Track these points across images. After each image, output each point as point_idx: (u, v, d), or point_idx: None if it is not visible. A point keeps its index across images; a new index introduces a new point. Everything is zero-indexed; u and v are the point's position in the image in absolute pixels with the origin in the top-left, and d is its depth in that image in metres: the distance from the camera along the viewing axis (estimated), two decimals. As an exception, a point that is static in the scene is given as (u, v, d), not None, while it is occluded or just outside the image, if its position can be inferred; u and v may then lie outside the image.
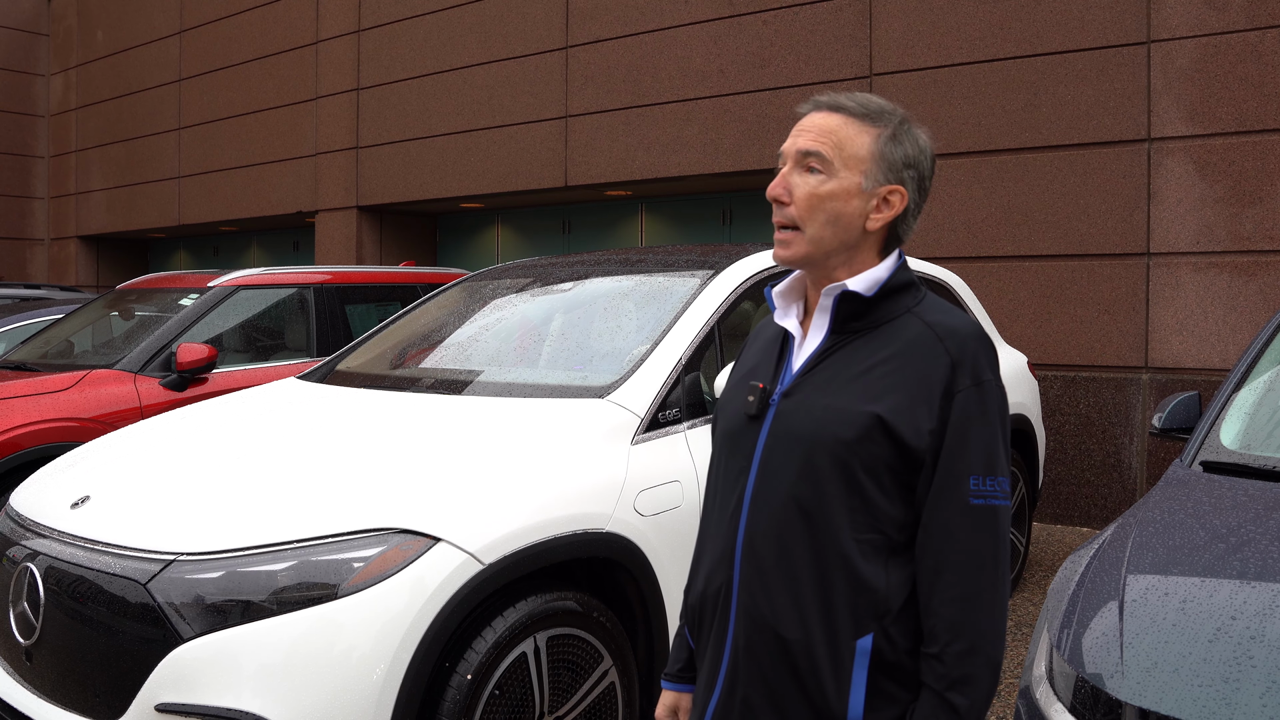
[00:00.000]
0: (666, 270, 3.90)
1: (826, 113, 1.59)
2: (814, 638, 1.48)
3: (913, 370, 1.49)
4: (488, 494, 2.68)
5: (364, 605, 2.40)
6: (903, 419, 1.47)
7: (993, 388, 1.51)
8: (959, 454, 1.47)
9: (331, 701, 2.35)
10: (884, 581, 1.49)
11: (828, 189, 1.54)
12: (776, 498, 1.52)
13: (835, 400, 1.51)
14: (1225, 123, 6.52)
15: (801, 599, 1.49)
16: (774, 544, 1.52)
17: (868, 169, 1.55)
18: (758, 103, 8.29)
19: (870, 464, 1.48)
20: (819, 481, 1.49)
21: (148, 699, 2.43)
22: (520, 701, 2.66)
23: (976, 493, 1.47)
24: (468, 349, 3.85)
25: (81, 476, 3.06)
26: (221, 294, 5.73)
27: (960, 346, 1.50)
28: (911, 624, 1.50)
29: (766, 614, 1.51)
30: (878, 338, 1.54)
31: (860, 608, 1.48)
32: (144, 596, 2.47)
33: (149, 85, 13.68)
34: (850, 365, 1.53)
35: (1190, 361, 6.61)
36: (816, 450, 1.50)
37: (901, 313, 1.56)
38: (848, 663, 1.48)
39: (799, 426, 1.53)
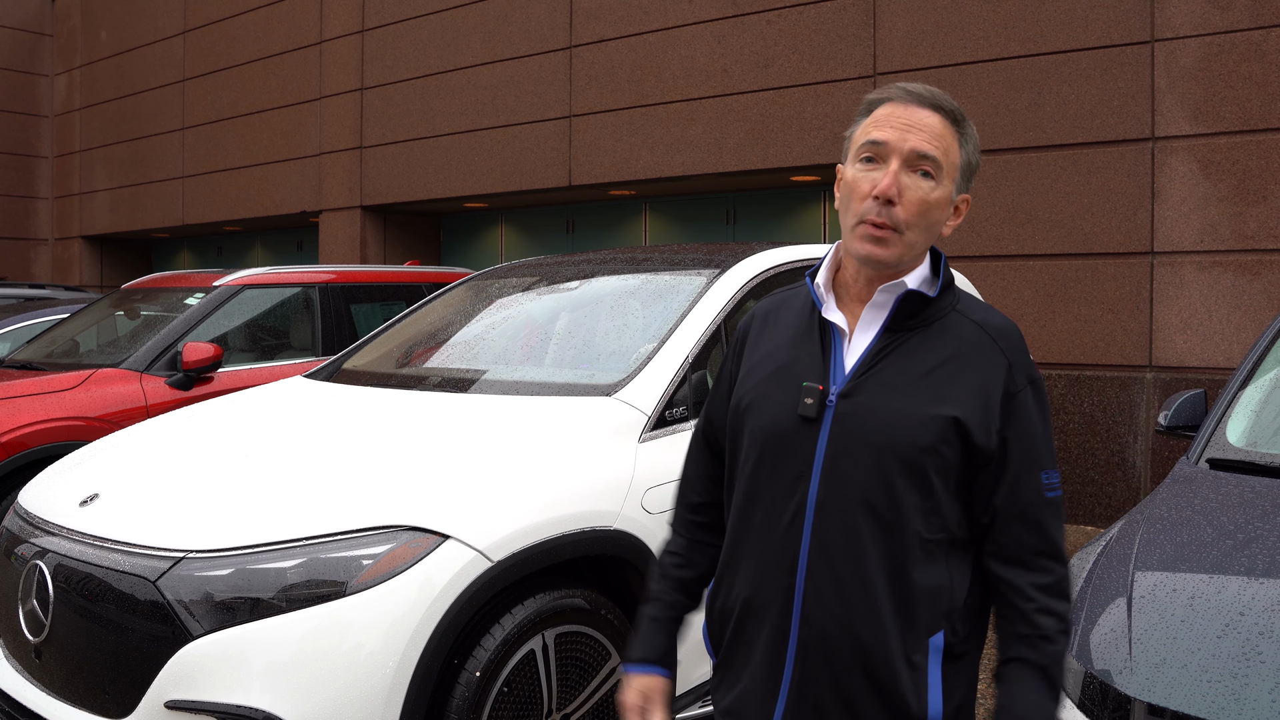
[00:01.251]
0: (672, 269, 3.91)
1: (930, 111, 1.55)
2: (890, 640, 1.48)
3: (974, 372, 1.51)
4: (496, 491, 2.69)
5: (373, 602, 2.41)
6: (975, 420, 1.49)
7: (1043, 385, 1.56)
8: (1029, 451, 1.51)
9: (341, 698, 2.35)
10: (949, 579, 1.52)
11: (936, 197, 1.53)
12: (848, 505, 1.50)
13: (905, 403, 1.50)
14: (1229, 122, 6.52)
15: (877, 603, 1.49)
16: (847, 550, 1.50)
17: (956, 178, 1.56)
18: (761, 102, 8.29)
19: (942, 466, 1.49)
20: (893, 486, 1.49)
21: (157, 696, 2.43)
22: (529, 699, 2.67)
23: (1049, 485, 1.52)
24: (474, 348, 3.85)
25: (90, 474, 3.07)
26: (227, 293, 5.75)
27: (1013, 347, 1.54)
28: (970, 614, 1.54)
29: (841, 620, 1.50)
30: (931, 336, 1.54)
31: (932, 606, 1.50)
32: (153, 594, 2.48)
33: (153, 85, 13.70)
34: (912, 365, 1.52)
35: (1194, 360, 6.60)
36: (888, 454, 1.49)
37: (947, 310, 1.57)
38: (923, 661, 1.50)
39: (867, 430, 1.50)
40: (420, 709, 2.43)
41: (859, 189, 1.54)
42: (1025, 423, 1.51)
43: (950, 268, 1.61)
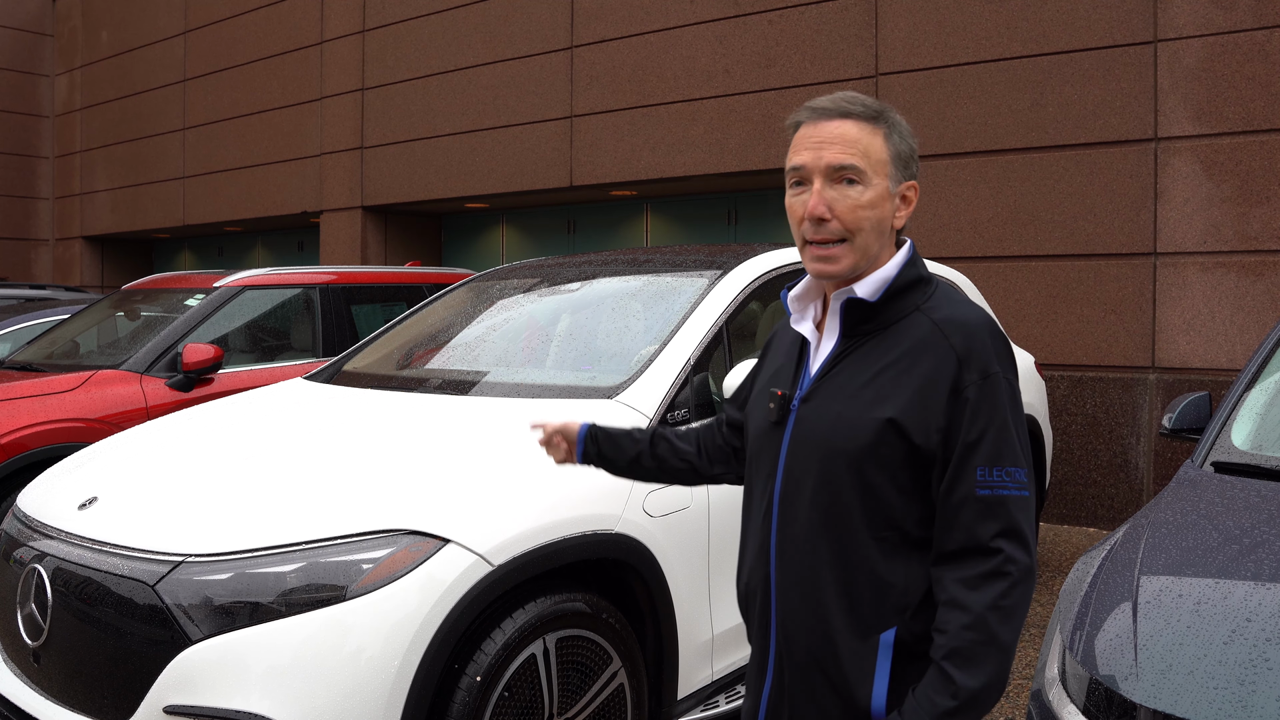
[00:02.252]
0: (674, 270, 3.89)
1: (839, 120, 1.58)
2: (839, 635, 1.55)
3: (920, 369, 1.52)
4: (497, 495, 2.67)
5: (373, 607, 2.39)
6: (913, 420, 1.51)
7: (1000, 380, 1.52)
8: (966, 446, 1.49)
9: (341, 703, 2.34)
10: (904, 576, 1.55)
11: (868, 198, 1.56)
12: (801, 503, 1.59)
13: (848, 407, 1.56)
14: (1232, 122, 6.50)
15: (827, 598, 1.55)
16: (801, 546, 1.59)
17: (890, 171, 1.58)
18: (763, 102, 8.27)
19: (885, 466, 1.53)
20: (837, 487, 1.55)
21: (156, 701, 2.42)
22: (530, 703, 2.65)
23: (982, 483, 1.48)
24: (475, 349, 3.84)
25: (89, 477, 3.05)
26: (227, 294, 5.73)
27: (966, 341, 1.53)
28: (931, 609, 1.54)
29: (798, 612, 1.59)
30: (887, 338, 1.57)
31: (883, 603, 1.54)
32: (152, 598, 2.46)
33: (154, 85, 13.69)
34: (863, 369, 1.57)
35: (1197, 361, 6.59)
36: (832, 457, 1.55)
37: (910, 311, 1.58)
38: (871, 656, 1.54)
39: (815, 433, 1.58)
40: (421, 714, 2.41)
41: (795, 213, 1.61)
42: (969, 418, 1.49)
43: (916, 267, 1.62)
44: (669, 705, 3.08)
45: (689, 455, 1.96)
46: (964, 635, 1.45)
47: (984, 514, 1.48)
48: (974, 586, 1.47)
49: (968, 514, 1.49)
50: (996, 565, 1.47)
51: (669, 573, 2.99)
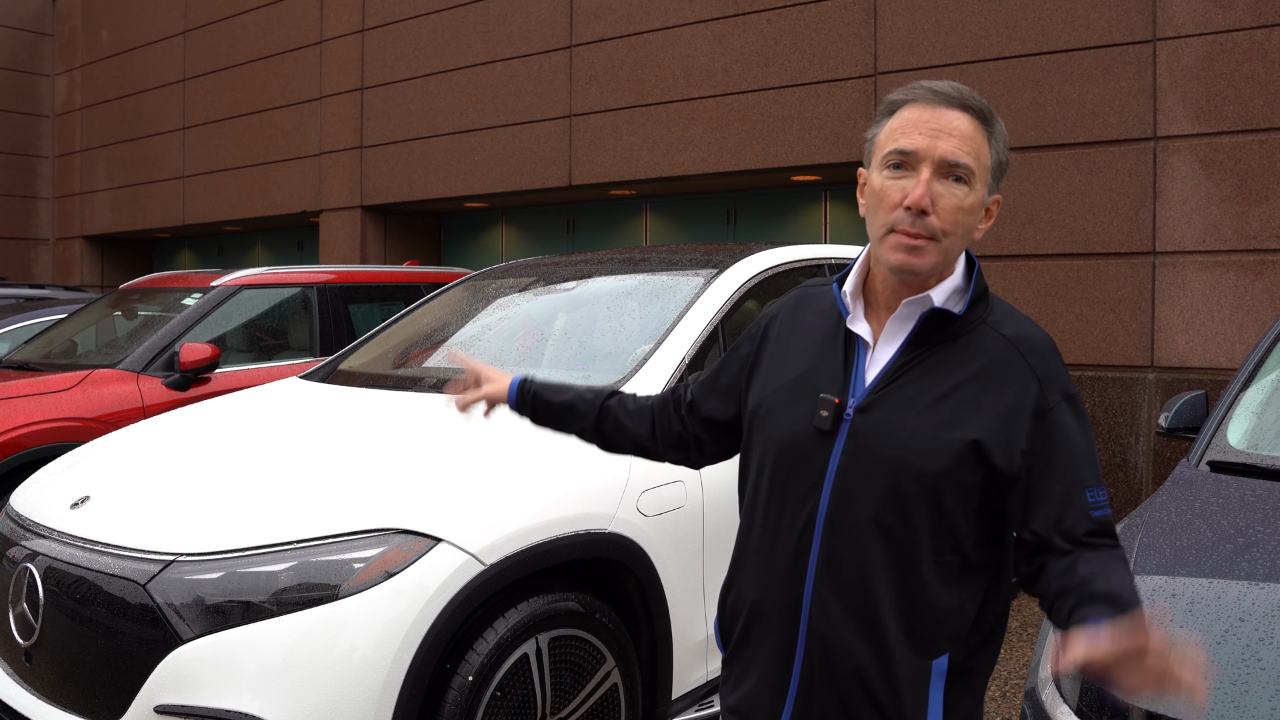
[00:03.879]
0: (670, 269, 3.88)
1: (960, 113, 1.47)
2: (892, 661, 1.46)
3: (1001, 390, 1.45)
4: (489, 494, 2.67)
5: (365, 606, 2.38)
6: (996, 443, 1.43)
7: (1079, 399, 1.47)
8: (1070, 471, 1.42)
9: (332, 703, 2.33)
10: (959, 601, 1.48)
11: (970, 202, 1.47)
12: (858, 522, 1.47)
13: (923, 423, 1.45)
14: (1231, 121, 6.49)
15: (881, 623, 1.46)
16: (854, 568, 1.47)
17: (988, 180, 1.50)
18: (762, 102, 8.27)
19: (960, 488, 1.44)
20: (906, 507, 1.45)
21: (147, 700, 2.41)
22: (522, 703, 2.65)
23: (1095, 504, 1.43)
24: (470, 349, 3.83)
25: (82, 477, 3.05)
26: (224, 294, 5.73)
27: (1044, 362, 1.47)
28: (981, 634, 1.51)
29: (844, 636, 1.48)
30: (956, 351, 1.48)
31: (939, 629, 1.47)
32: (143, 597, 2.46)
33: (154, 85, 13.69)
34: (934, 382, 1.47)
35: (1196, 361, 6.57)
36: (904, 476, 1.45)
37: (977, 323, 1.50)
38: (924, 684, 1.46)
39: (882, 449, 1.46)
40: (413, 713, 2.40)
41: (889, 198, 1.47)
42: (1063, 440, 1.43)
43: (983, 279, 1.53)
44: (663, 705, 3.07)
45: (641, 438, 1.82)
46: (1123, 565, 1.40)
47: (1108, 534, 1.43)
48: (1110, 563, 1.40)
49: (1095, 538, 1.41)
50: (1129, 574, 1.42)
51: (663, 572, 2.98)
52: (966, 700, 1.51)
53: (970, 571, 1.48)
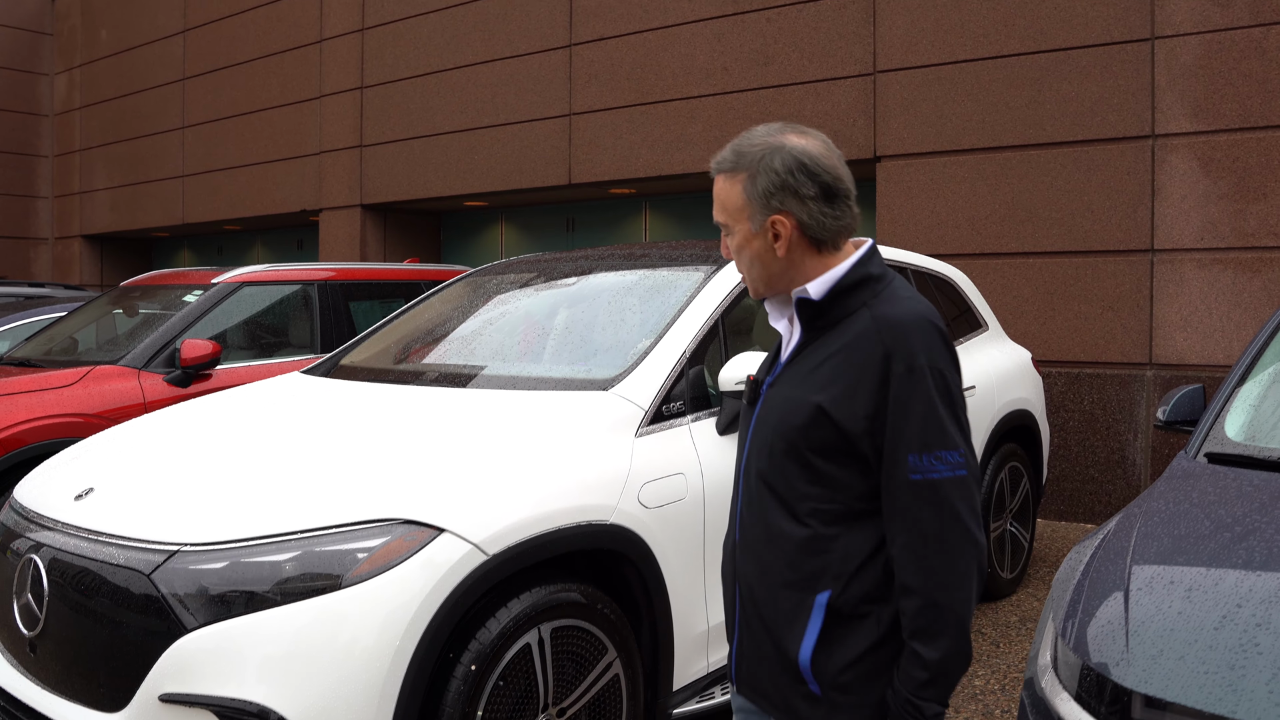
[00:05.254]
0: (670, 265, 3.90)
1: (716, 180, 1.79)
2: (778, 595, 1.73)
3: (853, 362, 1.67)
4: (492, 485, 2.68)
5: (368, 595, 2.40)
6: (840, 407, 1.66)
7: (924, 371, 1.63)
8: (897, 435, 1.63)
9: (336, 691, 2.35)
10: (842, 544, 1.70)
11: (736, 243, 1.78)
12: (753, 474, 1.79)
13: (794, 392, 1.73)
14: (1229, 119, 6.51)
15: (771, 562, 1.74)
16: (755, 511, 1.78)
17: (750, 214, 1.74)
18: (761, 100, 8.28)
19: (819, 446, 1.69)
20: (778, 461, 1.74)
21: (151, 689, 2.42)
22: (525, 693, 2.66)
23: (914, 469, 1.62)
24: (471, 343, 3.84)
25: (85, 469, 3.06)
26: (225, 290, 5.74)
27: (895, 336, 1.65)
28: (873, 575, 1.69)
29: (749, 572, 1.79)
30: (834, 333, 1.72)
31: (820, 568, 1.70)
32: (148, 587, 2.47)
33: (153, 84, 13.70)
34: (812, 360, 1.74)
35: (1194, 358, 6.59)
36: (777, 435, 1.74)
37: (858, 307, 1.72)
38: (805, 615, 1.70)
39: (769, 415, 1.77)
40: (415, 702, 2.42)
41: None
42: (896, 407, 1.63)
43: (867, 266, 1.74)
44: (665, 696, 3.09)
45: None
46: (920, 616, 1.61)
47: (920, 498, 1.62)
48: (920, 569, 1.62)
49: (905, 498, 1.63)
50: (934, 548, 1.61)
51: (664, 564, 3.00)
52: (852, 644, 1.69)
53: (855, 519, 1.70)
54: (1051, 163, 7.04)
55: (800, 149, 1.71)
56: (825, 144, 1.75)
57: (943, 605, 1.60)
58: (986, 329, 5.43)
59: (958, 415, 1.65)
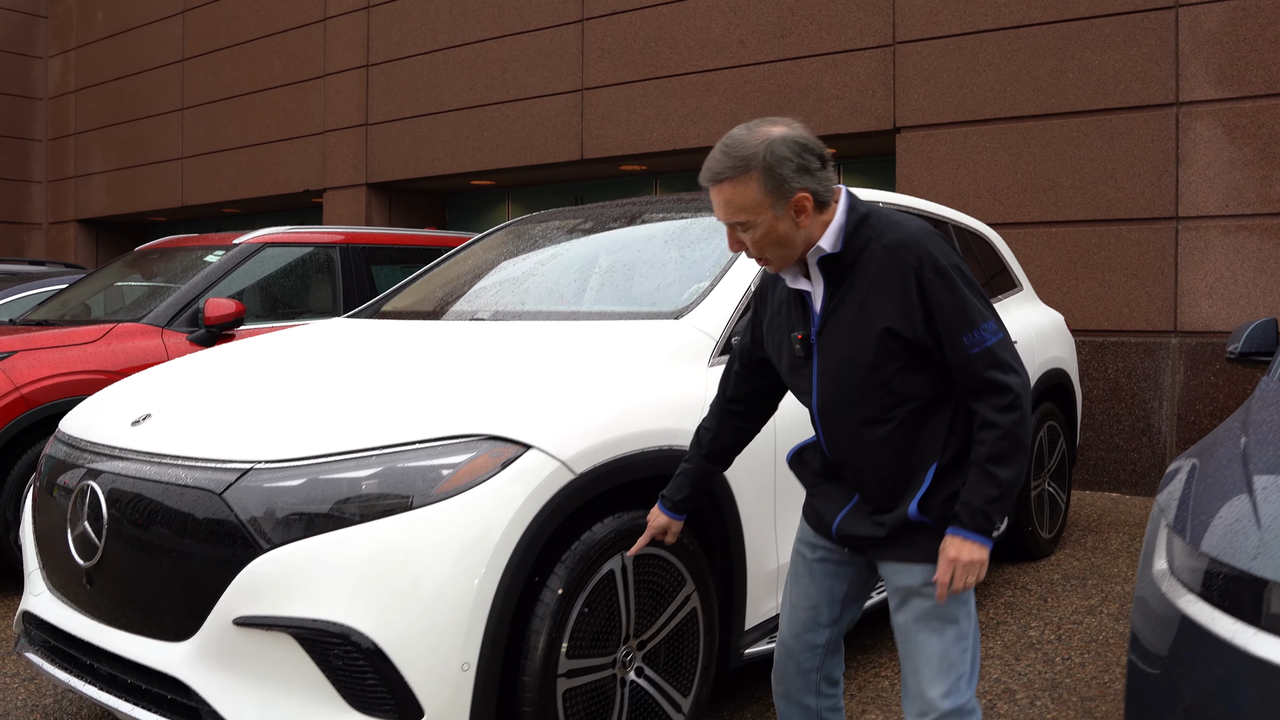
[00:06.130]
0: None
1: (716, 187, 1.98)
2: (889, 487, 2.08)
3: (891, 286, 1.97)
4: (575, 405, 2.59)
5: (455, 512, 2.30)
6: (901, 323, 1.97)
7: (947, 270, 1.96)
8: (948, 325, 1.97)
9: (422, 610, 2.25)
10: (929, 429, 2.06)
11: (760, 234, 1.99)
12: (839, 405, 2.08)
13: (853, 331, 2.01)
14: (1255, 85, 6.47)
15: (877, 468, 2.08)
16: (845, 440, 2.10)
17: (771, 203, 1.95)
18: (779, 73, 8.21)
19: (893, 363, 2.00)
20: (865, 388, 2.03)
21: (224, 614, 2.32)
22: (608, 622, 2.57)
23: (970, 344, 1.97)
24: (523, 284, 3.75)
25: (138, 398, 2.95)
26: (247, 251, 5.62)
27: (914, 253, 1.97)
28: (957, 438, 2.07)
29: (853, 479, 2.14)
30: (859, 271, 2.01)
31: (919, 456, 2.06)
32: (219, 508, 2.37)
33: (151, 66, 13.52)
34: (852, 299, 2.01)
35: (1220, 324, 6.55)
36: (850, 370, 2.03)
37: (865, 244, 2.00)
38: (916, 486, 2.05)
39: (833, 357, 2.05)
40: (504, 623, 2.32)
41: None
42: (940, 305, 1.96)
43: (855, 210, 2.02)
44: (737, 636, 3.00)
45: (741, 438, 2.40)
46: (999, 443, 1.96)
47: (982, 363, 1.97)
48: (1002, 410, 1.97)
49: (973, 366, 1.98)
50: (1006, 394, 1.97)
51: (739, 497, 2.92)
52: (951, 485, 2.06)
53: (935, 403, 2.04)
54: (1074, 132, 6.98)
55: (791, 134, 1.95)
56: (799, 124, 1.99)
57: (1018, 435, 1.96)
58: (1021, 289, 5.37)
59: (981, 294, 2.00)
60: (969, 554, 1.97)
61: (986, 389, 1.98)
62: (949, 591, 1.99)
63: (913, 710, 2.06)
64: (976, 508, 1.97)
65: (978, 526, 1.97)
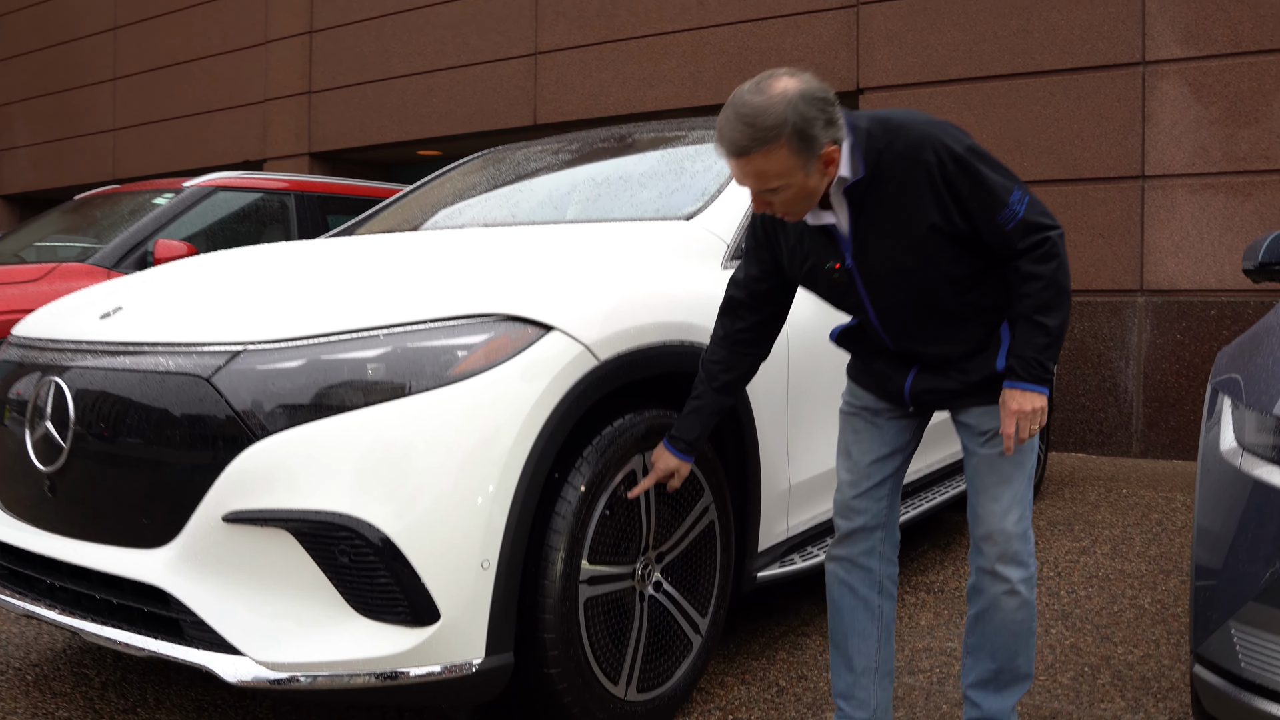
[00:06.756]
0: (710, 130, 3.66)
1: (742, 160, 1.90)
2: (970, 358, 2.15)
3: (920, 187, 1.96)
4: (597, 290, 2.39)
5: (473, 395, 2.09)
6: (940, 218, 1.98)
7: (961, 156, 1.95)
8: (983, 206, 1.97)
9: (439, 502, 2.04)
10: (991, 301, 2.10)
11: (791, 195, 1.95)
12: (897, 308, 2.11)
13: (896, 239, 2.01)
14: (1221, 44, 6.48)
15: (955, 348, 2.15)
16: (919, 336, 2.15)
17: (804, 163, 1.90)
18: (739, 35, 8.08)
19: (943, 252, 2.02)
20: (919, 289, 2.06)
21: (212, 511, 2.09)
22: (628, 528, 2.39)
23: (1006, 219, 1.99)
24: (513, 200, 3.54)
25: (104, 296, 2.68)
26: (199, 194, 5.32)
27: (928, 148, 1.95)
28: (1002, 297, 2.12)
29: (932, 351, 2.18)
30: (879, 185, 1.98)
31: (991, 323, 2.13)
32: (207, 394, 2.13)
33: (81, 35, 12.97)
34: (882, 213, 2.00)
35: (1186, 283, 6.56)
36: (907, 272, 2.04)
37: (877, 157, 1.97)
38: (996, 347, 2.12)
39: (885, 269, 2.05)
40: (528, 516, 2.12)
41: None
42: (968, 190, 1.96)
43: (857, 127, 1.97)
44: (751, 557, 2.83)
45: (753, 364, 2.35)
46: (1043, 293, 2.01)
47: (1020, 232, 2.00)
48: (1040, 261, 2.01)
49: (1011, 238, 2.00)
50: (1045, 245, 2.00)
51: (755, 407, 2.75)
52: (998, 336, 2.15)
53: (983, 275, 2.08)
54: (1040, 91, 6.95)
55: (807, 88, 1.87)
56: (803, 72, 1.92)
57: (1061, 281, 2.01)
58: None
59: (998, 165, 1.99)
60: (1030, 403, 2.03)
61: (1027, 249, 2.02)
62: (1015, 443, 2.07)
63: (980, 533, 2.18)
64: (1030, 358, 2.03)
65: (1034, 376, 2.03)
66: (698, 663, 2.61)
